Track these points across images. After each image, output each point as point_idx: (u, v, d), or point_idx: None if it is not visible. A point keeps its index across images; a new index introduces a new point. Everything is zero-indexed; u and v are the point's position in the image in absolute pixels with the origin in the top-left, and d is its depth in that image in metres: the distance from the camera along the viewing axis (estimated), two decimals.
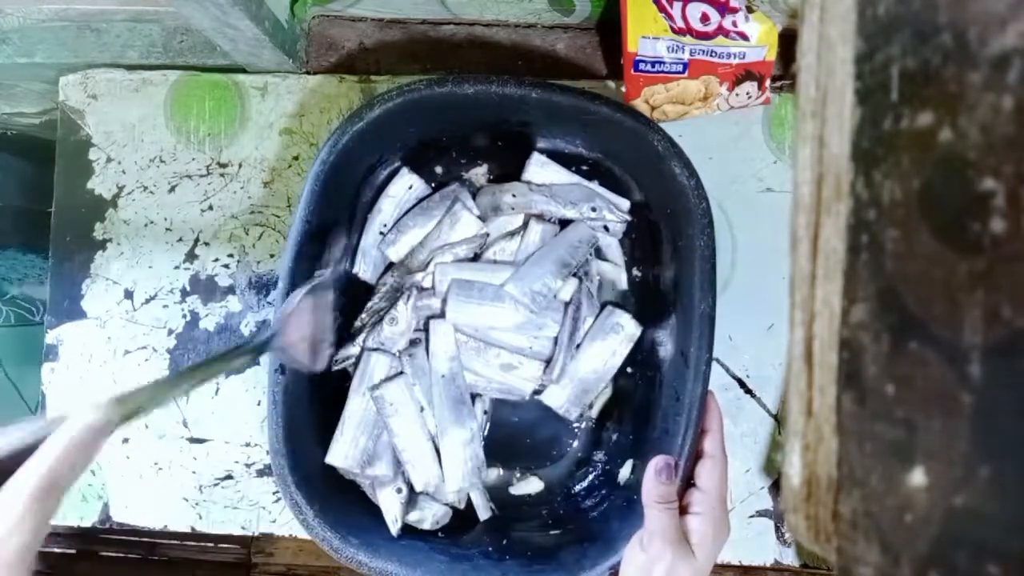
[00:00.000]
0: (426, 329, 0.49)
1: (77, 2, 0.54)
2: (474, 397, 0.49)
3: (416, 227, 0.49)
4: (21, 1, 0.54)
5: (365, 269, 0.50)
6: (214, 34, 0.49)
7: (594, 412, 0.52)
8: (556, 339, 0.48)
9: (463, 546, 0.46)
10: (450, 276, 0.47)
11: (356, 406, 0.47)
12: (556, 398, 0.48)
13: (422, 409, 0.48)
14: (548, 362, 0.48)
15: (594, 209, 0.48)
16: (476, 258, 0.49)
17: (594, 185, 0.50)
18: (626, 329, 0.48)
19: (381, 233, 0.50)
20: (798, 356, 0.19)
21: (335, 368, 0.49)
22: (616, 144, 0.47)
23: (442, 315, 0.48)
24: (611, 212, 0.49)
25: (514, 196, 0.49)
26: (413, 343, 0.49)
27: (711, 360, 0.42)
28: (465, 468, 0.47)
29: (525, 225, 0.49)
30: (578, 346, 0.49)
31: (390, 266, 0.50)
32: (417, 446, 0.47)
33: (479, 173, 0.52)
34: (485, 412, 0.50)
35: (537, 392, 0.49)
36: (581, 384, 0.48)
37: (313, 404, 0.46)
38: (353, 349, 0.49)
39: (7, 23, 0.56)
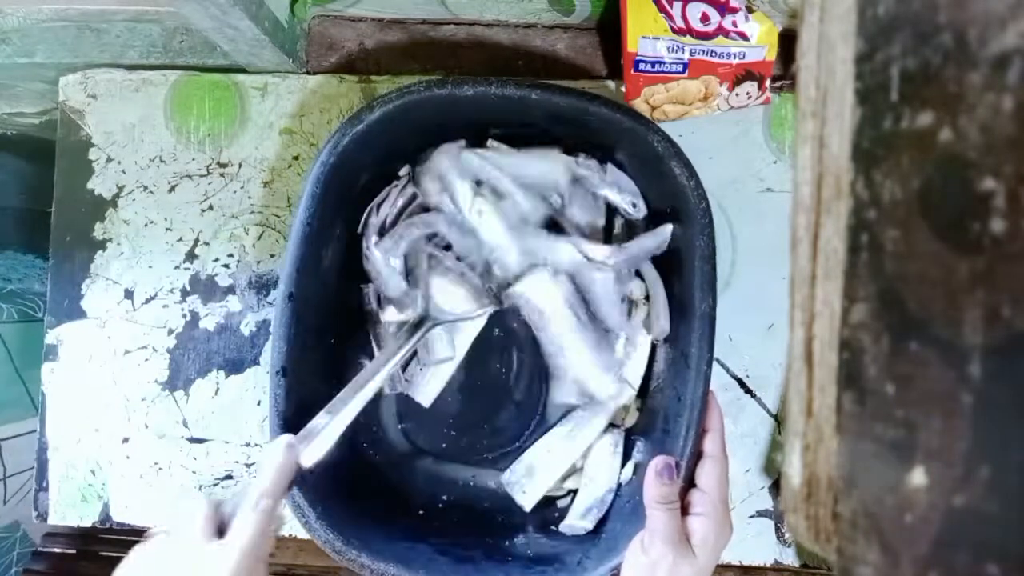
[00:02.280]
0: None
1: (77, 2, 0.54)
2: None
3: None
4: (21, 1, 0.54)
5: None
6: (214, 34, 0.49)
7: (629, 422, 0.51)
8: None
9: (466, 547, 0.46)
10: None
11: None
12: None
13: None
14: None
15: (635, 205, 0.49)
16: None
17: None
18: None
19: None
20: (798, 356, 0.19)
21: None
22: (615, 145, 0.47)
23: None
24: (635, 207, 0.49)
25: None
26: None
27: (712, 360, 0.42)
28: None
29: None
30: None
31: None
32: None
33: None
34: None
35: None
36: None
37: (314, 408, 0.46)
38: None
39: (7, 23, 0.56)
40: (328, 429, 0.38)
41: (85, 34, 0.56)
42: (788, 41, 0.49)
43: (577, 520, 0.47)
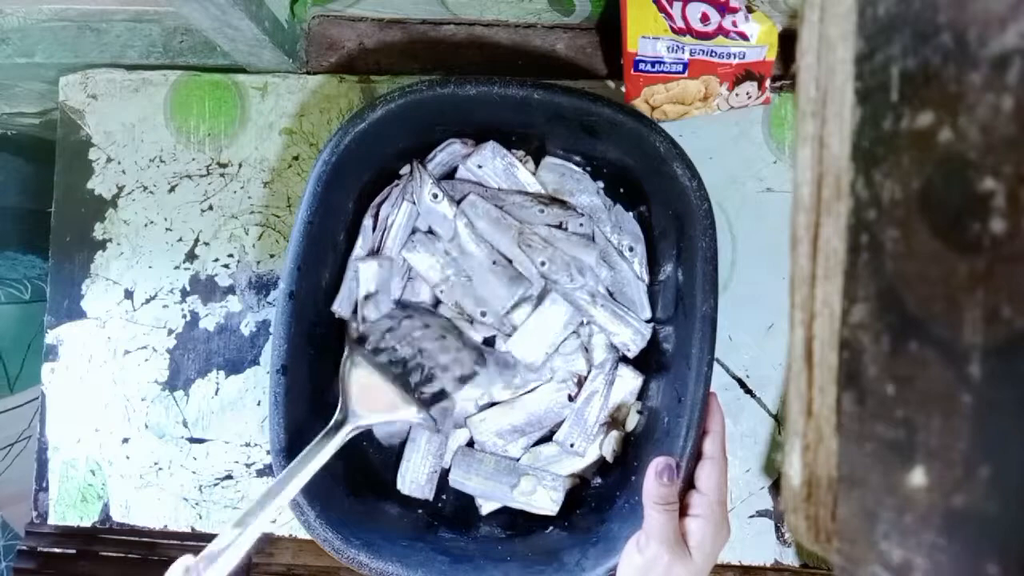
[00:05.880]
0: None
1: (77, 2, 0.54)
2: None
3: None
4: (21, 1, 0.54)
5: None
6: (214, 34, 0.49)
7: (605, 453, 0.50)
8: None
9: (465, 546, 0.46)
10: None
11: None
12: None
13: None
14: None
15: (631, 249, 0.50)
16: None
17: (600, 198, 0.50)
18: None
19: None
20: (798, 356, 0.19)
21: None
22: (618, 145, 0.47)
23: None
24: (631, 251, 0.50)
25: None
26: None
27: (712, 361, 0.42)
28: None
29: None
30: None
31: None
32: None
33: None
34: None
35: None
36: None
37: (314, 404, 0.46)
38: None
39: (7, 23, 0.56)
40: (233, 548, 0.36)
41: (85, 34, 0.56)
42: (788, 41, 0.49)
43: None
